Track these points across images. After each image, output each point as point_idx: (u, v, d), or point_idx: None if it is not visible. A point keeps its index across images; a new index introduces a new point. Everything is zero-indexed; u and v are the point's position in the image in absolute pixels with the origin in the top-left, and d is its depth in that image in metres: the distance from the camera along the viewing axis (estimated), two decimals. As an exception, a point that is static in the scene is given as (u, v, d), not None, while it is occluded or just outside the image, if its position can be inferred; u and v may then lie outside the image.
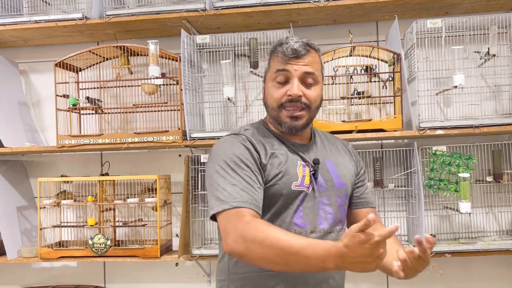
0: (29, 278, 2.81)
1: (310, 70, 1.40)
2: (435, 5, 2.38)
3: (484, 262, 2.49)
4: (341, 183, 1.46)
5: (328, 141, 1.57)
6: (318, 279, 1.38)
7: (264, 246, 1.18)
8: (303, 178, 1.40)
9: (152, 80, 2.37)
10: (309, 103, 1.41)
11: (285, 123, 1.41)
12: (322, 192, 1.42)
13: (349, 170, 1.51)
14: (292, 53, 1.39)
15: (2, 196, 2.55)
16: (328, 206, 1.43)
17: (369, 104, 2.51)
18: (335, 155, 1.52)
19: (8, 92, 2.70)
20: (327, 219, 1.41)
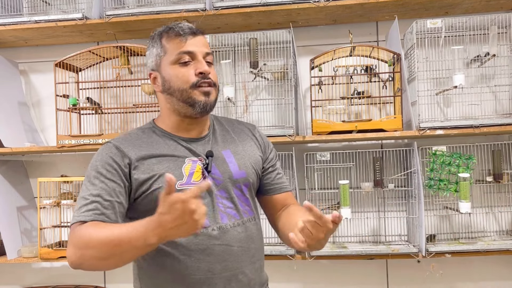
0: (29, 278, 2.81)
1: (208, 50, 1.41)
2: (435, 5, 2.38)
3: (484, 262, 2.49)
4: (240, 173, 1.41)
5: (231, 127, 1.52)
6: (225, 277, 1.34)
7: (90, 247, 1.18)
8: (191, 175, 1.35)
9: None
10: (215, 81, 1.40)
11: (200, 101, 1.36)
12: (218, 185, 1.38)
13: (251, 157, 1.46)
14: (190, 32, 1.38)
15: (2, 196, 2.55)
16: (226, 199, 1.38)
17: (369, 104, 2.51)
18: (235, 143, 1.47)
19: (8, 92, 2.70)
20: (227, 213, 1.37)
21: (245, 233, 1.39)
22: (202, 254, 1.33)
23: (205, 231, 1.33)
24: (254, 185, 1.47)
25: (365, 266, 2.55)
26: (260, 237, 1.46)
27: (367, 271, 2.56)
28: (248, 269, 1.39)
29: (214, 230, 1.34)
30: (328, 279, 2.57)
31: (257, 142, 1.52)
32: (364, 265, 2.55)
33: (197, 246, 1.33)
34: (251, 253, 1.40)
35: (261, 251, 1.46)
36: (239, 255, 1.37)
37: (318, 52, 2.42)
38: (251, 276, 1.40)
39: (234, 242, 1.36)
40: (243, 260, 1.38)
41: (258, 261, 1.43)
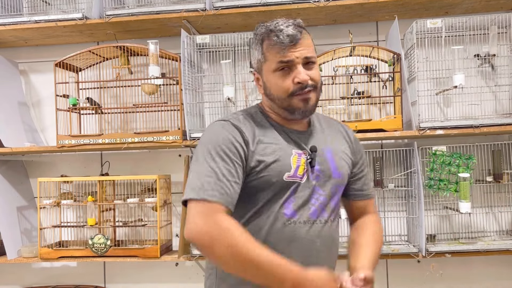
0: (29, 278, 2.81)
1: (309, 54, 1.38)
2: (435, 5, 2.38)
3: (484, 262, 2.49)
4: (338, 174, 1.42)
5: (327, 125, 1.51)
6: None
7: (230, 253, 1.19)
8: (297, 168, 1.37)
9: (152, 80, 2.37)
10: (315, 83, 1.39)
11: (299, 109, 1.38)
12: (317, 182, 1.39)
13: (346, 160, 1.46)
14: (290, 40, 1.36)
15: (2, 196, 2.55)
16: (321, 196, 1.39)
17: (369, 104, 2.51)
18: (334, 142, 1.47)
19: (8, 92, 2.70)
20: (318, 209, 1.38)
21: (329, 232, 1.40)
22: (287, 244, 1.34)
23: (292, 223, 1.35)
24: (344, 187, 1.48)
25: (365, 266, 2.55)
26: (338, 239, 1.48)
27: (367, 271, 2.56)
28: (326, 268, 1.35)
29: (301, 223, 1.36)
30: (328, 279, 2.57)
31: (351, 145, 1.51)
32: (364, 265, 2.55)
33: (283, 235, 1.34)
34: (331, 252, 1.42)
35: (337, 253, 1.47)
36: (321, 251, 1.38)
37: (318, 52, 2.39)
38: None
39: (317, 238, 1.38)
40: (323, 258, 1.39)
41: (334, 261, 1.44)
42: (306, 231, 1.36)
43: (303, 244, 1.35)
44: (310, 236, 1.36)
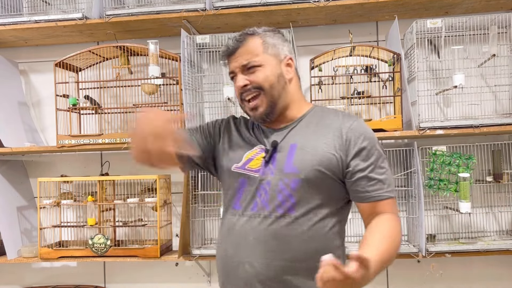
0: (29, 278, 2.81)
1: (245, 62, 1.43)
2: (435, 5, 2.38)
3: (484, 262, 2.49)
4: (292, 167, 1.38)
5: (322, 119, 1.47)
6: (235, 262, 1.40)
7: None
8: (249, 161, 1.43)
9: (152, 80, 2.37)
10: (258, 85, 1.42)
11: (251, 116, 1.48)
12: (270, 176, 1.39)
13: (316, 154, 1.38)
14: (225, 52, 1.46)
15: (2, 196, 2.55)
16: (267, 191, 1.39)
17: (369, 104, 2.51)
18: (309, 137, 1.42)
19: (8, 92, 2.70)
20: (260, 203, 1.39)
21: (270, 228, 1.37)
22: (227, 232, 1.44)
23: (237, 214, 1.43)
24: (309, 183, 1.37)
25: (365, 266, 2.55)
26: (298, 238, 1.38)
27: (367, 271, 2.55)
28: (258, 262, 1.37)
29: (240, 215, 1.42)
30: (328, 279, 2.57)
31: (342, 143, 1.40)
32: (364, 265, 2.55)
33: (228, 223, 1.45)
34: (269, 249, 1.37)
35: (290, 253, 1.37)
36: (252, 245, 1.38)
37: (318, 52, 2.42)
38: (260, 270, 1.37)
39: (252, 232, 1.38)
40: (255, 253, 1.37)
41: (278, 260, 1.36)
42: (241, 224, 1.40)
43: (237, 236, 1.41)
44: (244, 229, 1.40)
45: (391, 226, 1.37)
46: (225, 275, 1.45)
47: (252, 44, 1.44)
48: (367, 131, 1.42)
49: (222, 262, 1.45)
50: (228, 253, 1.42)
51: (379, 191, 1.40)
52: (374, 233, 1.34)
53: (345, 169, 1.40)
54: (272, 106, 1.43)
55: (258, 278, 1.37)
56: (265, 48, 1.44)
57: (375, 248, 1.28)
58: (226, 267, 1.43)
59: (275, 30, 1.50)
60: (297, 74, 1.52)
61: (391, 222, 1.38)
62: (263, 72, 1.42)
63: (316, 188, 1.38)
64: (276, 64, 1.45)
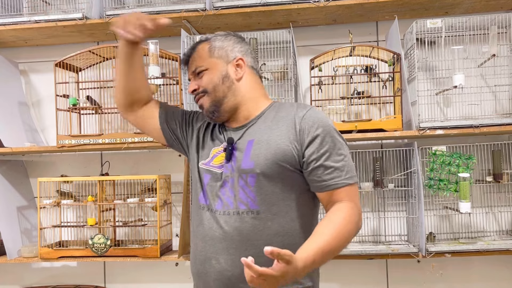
0: (29, 278, 2.81)
1: (192, 68, 1.55)
2: (435, 5, 2.38)
3: (484, 262, 2.49)
4: (249, 163, 1.40)
5: (279, 113, 1.47)
6: (203, 256, 1.46)
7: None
8: (213, 158, 1.50)
9: (152, 80, 2.37)
10: (203, 89, 1.52)
11: (204, 114, 1.56)
12: (229, 173, 1.44)
13: (271, 147, 1.39)
14: (182, 61, 1.60)
15: (2, 196, 2.55)
16: (229, 188, 1.43)
17: (369, 104, 2.51)
18: (264, 131, 1.44)
19: (8, 92, 2.70)
20: (224, 201, 1.43)
21: (235, 224, 1.40)
22: (197, 227, 1.50)
23: (204, 209, 1.48)
24: (266, 176, 1.38)
25: (365, 266, 2.55)
26: (262, 233, 1.38)
27: (367, 271, 2.56)
28: (224, 258, 1.40)
29: (207, 210, 1.47)
30: (328, 279, 2.57)
31: (296, 134, 1.40)
32: (364, 265, 2.55)
33: (197, 218, 1.51)
34: (233, 245, 1.39)
35: (254, 249, 1.37)
36: (218, 241, 1.42)
37: (318, 52, 2.42)
38: (225, 266, 1.40)
39: (217, 228, 1.42)
40: (221, 248, 1.41)
41: (241, 255, 1.32)
42: (208, 219, 1.45)
43: (204, 231, 1.45)
44: (210, 225, 1.44)
45: (344, 215, 1.34)
46: (195, 269, 1.51)
47: (201, 50, 1.55)
48: (321, 119, 1.41)
49: (193, 256, 1.53)
50: (198, 247, 1.49)
51: (336, 179, 1.37)
52: (325, 223, 1.33)
53: (301, 159, 1.39)
54: (217, 105, 1.51)
55: (224, 274, 1.40)
56: (211, 52, 1.53)
57: (321, 241, 1.27)
58: (196, 261, 1.49)
59: (229, 34, 1.59)
60: (254, 73, 1.56)
61: (346, 211, 1.35)
62: (207, 76, 1.52)
63: (274, 181, 1.39)
64: (221, 66, 1.52)
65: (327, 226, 1.32)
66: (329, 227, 1.31)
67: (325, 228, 1.31)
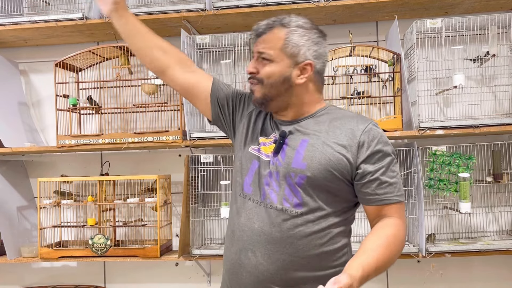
0: (29, 278, 2.81)
1: (261, 50, 1.43)
2: (435, 5, 2.38)
3: (484, 262, 2.49)
4: (301, 163, 1.37)
5: (334, 120, 1.44)
6: (239, 246, 1.42)
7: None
8: (263, 144, 1.46)
9: (152, 80, 2.37)
10: (260, 78, 1.44)
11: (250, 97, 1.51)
12: (278, 167, 1.39)
13: (326, 153, 1.37)
14: (254, 33, 1.47)
15: (2, 196, 2.55)
16: (275, 181, 1.40)
17: (369, 104, 2.51)
18: (320, 135, 1.41)
19: (8, 92, 2.70)
20: (268, 193, 1.40)
21: (277, 220, 1.37)
22: (236, 215, 1.45)
23: (246, 195, 1.44)
24: (315, 180, 1.36)
25: (365, 266, 2.55)
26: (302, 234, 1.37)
27: (367, 271, 2.55)
28: (261, 252, 1.37)
29: (249, 200, 1.43)
30: (328, 279, 2.57)
31: (352, 143, 1.38)
32: (364, 265, 2.55)
33: (236, 206, 1.46)
34: (272, 240, 1.37)
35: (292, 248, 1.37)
36: (256, 234, 1.38)
37: (318, 52, 2.42)
38: (261, 260, 1.37)
39: (258, 220, 1.39)
40: (258, 241, 1.38)
41: (279, 254, 1.36)
42: (250, 208, 1.42)
43: (244, 220, 1.42)
44: (252, 215, 1.41)
45: (394, 231, 1.36)
46: (229, 258, 1.46)
47: (276, 35, 1.42)
48: (381, 135, 1.42)
49: (229, 244, 1.47)
50: (235, 235, 1.43)
51: (389, 195, 1.38)
52: (374, 238, 1.34)
53: (355, 171, 1.38)
54: (267, 100, 1.45)
55: (259, 268, 1.38)
56: (284, 45, 1.41)
57: (373, 254, 1.29)
58: (231, 250, 1.45)
59: (313, 29, 1.45)
60: (318, 78, 1.47)
61: (395, 227, 1.37)
62: (270, 68, 1.42)
63: (321, 186, 1.38)
64: (288, 65, 1.42)
65: (380, 242, 1.33)
66: (382, 242, 1.33)
67: (378, 243, 1.32)
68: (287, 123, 1.47)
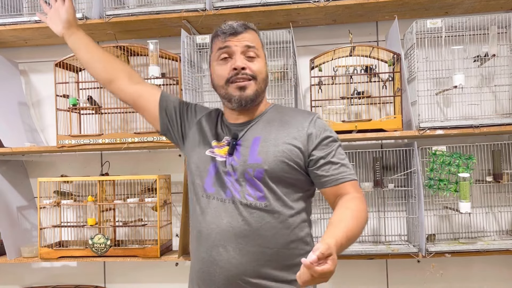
0: (29, 278, 2.81)
1: (250, 44, 1.49)
2: (435, 5, 2.38)
3: (484, 262, 2.49)
4: (256, 158, 1.45)
5: (283, 115, 1.55)
6: (209, 243, 1.45)
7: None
8: (215, 147, 1.53)
9: (152, 80, 2.37)
10: (254, 74, 1.49)
11: (234, 96, 1.49)
12: (234, 166, 1.46)
13: (279, 145, 1.46)
14: (230, 30, 1.49)
15: (2, 196, 2.55)
16: (236, 180, 1.45)
17: (369, 104, 2.51)
18: (271, 130, 1.50)
19: (8, 92, 2.70)
20: (232, 190, 1.45)
21: (243, 214, 1.43)
22: (202, 215, 1.49)
23: (209, 195, 1.48)
24: (273, 172, 1.44)
25: (365, 266, 2.55)
26: (269, 225, 1.43)
27: (367, 271, 2.56)
28: (232, 246, 1.42)
29: (213, 198, 1.47)
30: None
31: (303, 135, 1.48)
32: (364, 265, 2.55)
33: (200, 206, 1.50)
34: (241, 234, 1.42)
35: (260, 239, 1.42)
36: (225, 229, 1.43)
37: (318, 52, 2.42)
38: (233, 254, 1.42)
39: (226, 216, 1.44)
40: (228, 236, 1.42)
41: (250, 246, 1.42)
42: (215, 207, 1.45)
43: (211, 217, 1.46)
44: (218, 212, 1.45)
45: (356, 203, 1.43)
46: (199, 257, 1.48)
47: (255, 36, 1.54)
48: (326, 125, 1.54)
49: (197, 243, 1.50)
50: (203, 234, 1.47)
51: (343, 173, 1.47)
52: (340, 213, 1.40)
53: (307, 158, 1.48)
54: (257, 96, 1.51)
55: (232, 262, 1.42)
56: (262, 45, 1.55)
57: (341, 225, 1.33)
58: (200, 248, 1.47)
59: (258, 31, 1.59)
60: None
61: (356, 200, 1.44)
62: (259, 64, 1.51)
63: (280, 178, 1.45)
64: (265, 62, 1.55)
65: (346, 213, 1.38)
66: (348, 214, 1.38)
67: (344, 215, 1.38)
68: (240, 125, 1.55)
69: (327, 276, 1.15)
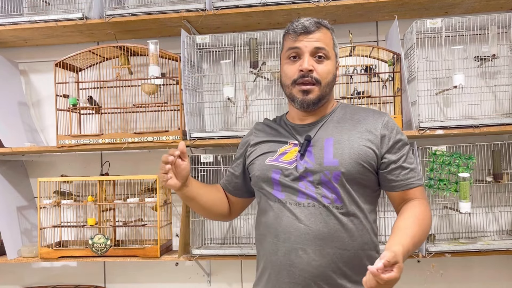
0: (29, 278, 2.81)
1: (320, 45, 1.46)
2: (435, 5, 2.38)
3: (484, 262, 2.49)
4: (332, 161, 1.44)
5: (353, 115, 1.54)
6: (286, 247, 1.44)
7: None
8: (282, 154, 1.51)
9: (152, 80, 2.37)
10: (319, 78, 1.47)
11: (298, 98, 1.49)
12: (308, 169, 1.45)
13: (353, 148, 1.46)
14: (301, 29, 1.46)
15: (2, 196, 2.55)
16: (310, 183, 1.45)
17: (369, 104, 2.51)
18: (343, 131, 1.49)
19: (8, 92, 2.70)
20: (306, 193, 1.44)
21: (321, 216, 1.42)
22: (276, 219, 1.48)
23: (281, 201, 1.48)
24: (350, 175, 1.44)
25: (365, 266, 2.55)
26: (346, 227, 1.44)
27: (367, 271, 2.55)
28: (311, 249, 1.42)
29: (286, 203, 1.46)
30: (328, 279, 2.57)
31: (376, 138, 1.48)
32: (364, 265, 2.55)
33: (274, 211, 1.49)
34: (320, 235, 1.42)
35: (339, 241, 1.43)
36: (304, 232, 1.42)
37: (318, 52, 2.42)
38: (313, 256, 1.42)
39: (303, 219, 1.43)
40: (307, 239, 1.42)
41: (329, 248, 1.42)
42: (290, 211, 1.45)
43: (287, 222, 1.45)
44: (294, 216, 1.44)
45: (422, 209, 1.45)
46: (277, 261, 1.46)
47: (327, 35, 1.51)
48: (397, 126, 1.53)
49: (273, 248, 1.48)
50: (280, 238, 1.46)
51: (411, 179, 1.49)
52: (407, 217, 1.41)
53: (380, 161, 1.48)
54: (321, 100, 1.50)
55: (312, 264, 1.42)
56: (334, 45, 1.52)
57: (408, 231, 1.35)
58: (278, 253, 1.46)
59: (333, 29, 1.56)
60: None
61: (422, 206, 1.46)
62: (327, 66, 1.49)
63: (356, 180, 1.46)
64: (334, 63, 1.53)
65: (412, 220, 1.40)
66: (414, 220, 1.40)
67: (411, 221, 1.39)
68: (308, 125, 1.54)
69: (392, 283, 1.18)
